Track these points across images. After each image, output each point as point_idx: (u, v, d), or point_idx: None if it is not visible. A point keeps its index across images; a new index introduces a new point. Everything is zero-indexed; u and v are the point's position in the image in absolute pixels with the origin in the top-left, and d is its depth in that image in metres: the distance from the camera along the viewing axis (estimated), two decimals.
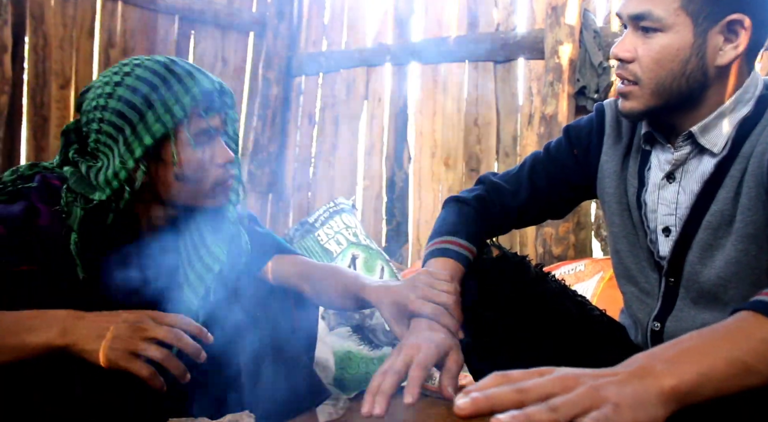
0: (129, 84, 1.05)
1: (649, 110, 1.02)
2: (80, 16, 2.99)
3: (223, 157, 1.10)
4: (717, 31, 0.95)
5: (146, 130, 1.04)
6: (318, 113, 3.56)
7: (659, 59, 0.97)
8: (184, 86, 1.05)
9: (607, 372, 0.63)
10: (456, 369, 0.94)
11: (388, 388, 0.87)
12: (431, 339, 0.95)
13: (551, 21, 2.66)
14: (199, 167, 1.08)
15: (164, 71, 1.06)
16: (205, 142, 1.09)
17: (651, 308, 1.11)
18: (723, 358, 0.64)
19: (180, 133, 1.06)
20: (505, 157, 2.92)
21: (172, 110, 1.04)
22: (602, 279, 2.09)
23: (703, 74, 0.97)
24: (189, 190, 1.09)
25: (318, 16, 3.63)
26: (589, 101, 2.61)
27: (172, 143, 1.05)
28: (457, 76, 3.06)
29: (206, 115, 1.07)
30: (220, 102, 1.10)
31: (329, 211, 2.65)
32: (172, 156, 1.05)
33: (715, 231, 1.01)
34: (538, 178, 1.23)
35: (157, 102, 1.04)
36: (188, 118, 1.06)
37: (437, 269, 1.09)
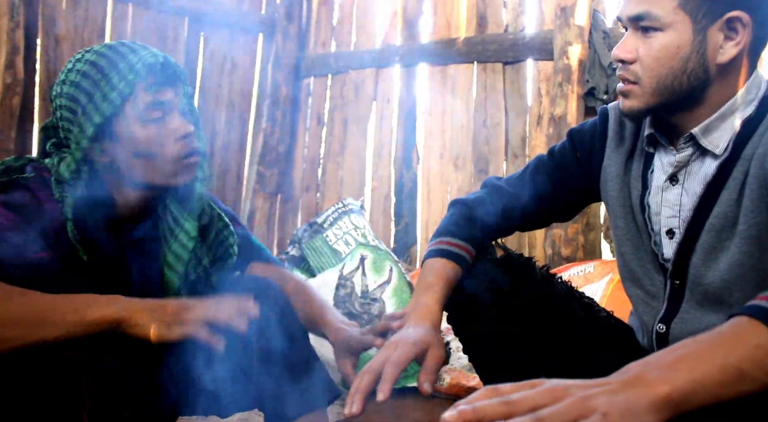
0: (78, 68, 1.08)
1: (650, 109, 1.02)
2: (91, 18, 3.02)
3: (180, 129, 1.10)
4: (717, 28, 0.95)
5: (95, 109, 1.05)
6: (327, 114, 3.57)
7: (659, 58, 0.97)
8: (127, 63, 1.06)
9: (599, 383, 0.63)
10: (434, 365, 0.95)
11: (364, 387, 0.90)
12: (409, 336, 0.97)
13: (560, 22, 2.66)
14: (155, 142, 1.08)
15: (109, 52, 1.08)
16: (158, 117, 1.08)
17: (656, 310, 1.10)
18: (717, 365, 0.63)
19: (129, 110, 1.06)
20: (513, 158, 2.91)
21: (118, 87, 1.05)
22: (611, 281, 2.08)
23: (704, 72, 0.97)
24: (150, 166, 1.09)
25: (327, 17, 3.63)
26: (599, 102, 2.60)
27: (123, 119, 1.06)
28: (466, 77, 3.06)
29: (153, 89, 1.07)
30: (166, 76, 1.09)
31: (338, 211, 2.65)
32: (123, 132, 1.07)
33: (718, 234, 1.00)
34: (540, 181, 1.24)
35: (102, 81, 1.05)
36: (134, 93, 1.06)
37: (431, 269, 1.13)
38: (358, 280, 2.31)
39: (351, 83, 3.46)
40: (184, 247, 1.17)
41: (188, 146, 1.11)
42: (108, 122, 1.06)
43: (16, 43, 2.69)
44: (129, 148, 1.08)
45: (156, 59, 1.08)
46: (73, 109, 1.07)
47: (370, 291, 2.28)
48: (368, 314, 2.21)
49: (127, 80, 1.06)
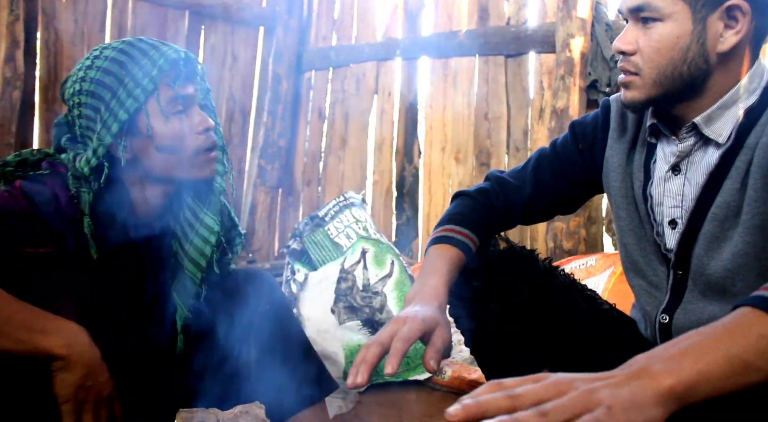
0: (99, 65, 1.08)
1: (651, 100, 1.02)
2: (91, 12, 3.01)
3: (201, 123, 1.12)
4: (716, 17, 0.96)
5: (119, 105, 1.06)
6: (328, 108, 3.56)
7: (659, 48, 0.98)
8: (150, 59, 1.08)
9: (604, 376, 0.62)
10: (441, 344, 0.94)
11: (371, 358, 0.88)
12: (418, 313, 0.95)
13: (563, 14, 2.64)
14: (178, 136, 1.10)
15: (130, 49, 1.09)
16: (181, 112, 1.10)
17: (659, 301, 1.10)
18: (722, 356, 0.63)
19: (153, 105, 1.08)
20: (515, 151, 2.90)
21: (142, 83, 1.07)
22: (613, 273, 2.08)
23: (705, 61, 0.97)
24: (173, 160, 1.11)
25: (328, 10, 3.62)
26: (601, 95, 2.58)
27: (146, 115, 1.08)
28: (468, 70, 3.04)
29: (175, 84, 1.09)
30: (188, 70, 1.11)
31: (339, 205, 2.65)
32: (147, 127, 1.08)
33: (721, 223, 1.00)
34: (543, 174, 1.23)
35: (127, 78, 1.06)
36: (158, 89, 1.08)
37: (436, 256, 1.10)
38: (359, 274, 2.31)
39: (352, 77, 3.45)
40: (206, 242, 1.17)
41: (209, 140, 1.13)
42: (131, 118, 1.07)
43: (16, 36, 2.68)
44: (152, 143, 1.09)
45: (178, 55, 1.10)
46: (95, 106, 1.07)
47: (371, 284, 2.27)
48: (370, 307, 2.21)
49: (150, 76, 1.07)
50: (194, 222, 1.18)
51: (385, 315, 2.18)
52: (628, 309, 1.28)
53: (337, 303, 2.22)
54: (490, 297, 1.15)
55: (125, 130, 1.08)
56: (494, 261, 1.16)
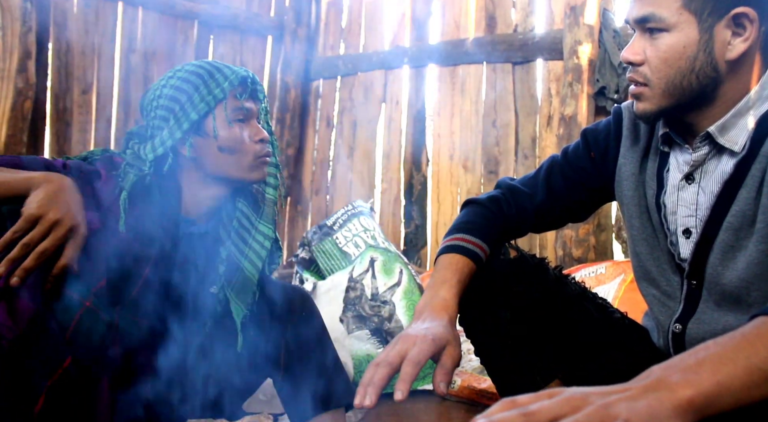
0: (179, 76, 1.26)
1: (662, 110, 1.01)
2: (102, 23, 3.04)
3: (258, 134, 1.28)
4: (723, 25, 0.95)
5: (192, 107, 1.23)
6: (336, 116, 3.57)
7: (666, 58, 0.97)
8: (223, 74, 1.26)
9: (619, 389, 0.61)
10: (451, 364, 0.93)
11: (379, 380, 0.87)
12: (428, 332, 0.94)
13: (570, 21, 2.64)
14: (238, 141, 1.26)
15: (207, 65, 1.28)
16: (243, 121, 1.27)
17: (673, 310, 1.09)
18: (741, 367, 0.61)
19: (220, 111, 1.25)
20: (524, 158, 2.90)
21: (214, 92, 1.24)
22: (624, 281, 2.06)
23: (713, 70, 0.97)
24: (231, 161, 1.26)
25: (336, 19, 3.64)
26: (609, 102, 2.58)
27: (213, 119, 1.24)
28: (475, 78, 3.05)
29: (241, 97, 1.26)
30: (253, 89, 1.29)
31: (347, 213, 2.65)
32: (213, 129, 1.24)
33: (736, 232, 0.99)
34: (555, 181, 1.23)
35: (202, 86, 1.24)
36: (227, 99, 1.25)
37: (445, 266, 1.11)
38: (368, 283, 2.30)
39: (360, 85, 3.46)
40: (262, 246, 1.32)
41: (264, 149, 1.29)
42: (201, 119, 1.24)
43: (28, 47, 2.71)
44: (214, 143, 1.25)
45: (247, 74, 1.28)
46: (170, 108, 1.24)
47: (380, 293, 2.27)
48: (378, 316, 2.20)
49: (222, 87, 1.25)
50: (251, 228, 1.32)
51: (393, 324, 2.18)
52: (639, 317, 1.27)
53: (345, 312, 2.22)
54: (500, 305, 1.14)
55: (193, 129, 1.24)
56: (505, 269, 1.16)
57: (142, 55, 3.15)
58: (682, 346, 1.07)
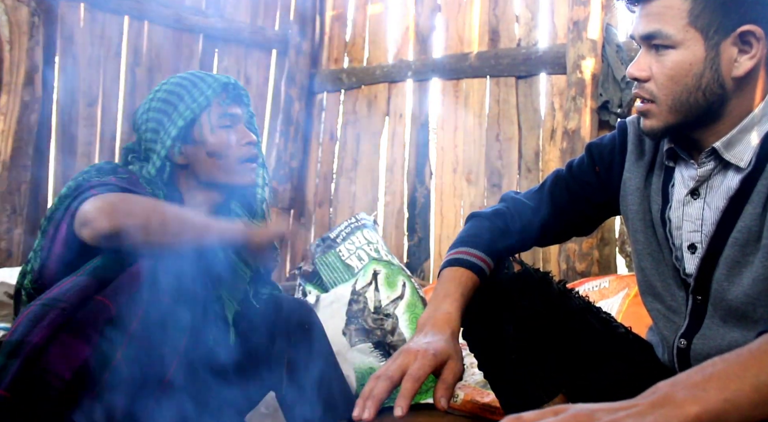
0: (165, 88, 1.33)
1: (669, 127, 1.01)
2: (108, 36, 3.07)
3: (245, 137, 1.34)
4: (730, 43, 0.95)
5: (179, 115, 1.30)
6: (340, 129, 3.59)
7: (673, 76, 0.97)
8: (206, 83, 1.33)
9: (625, 405, 0.61)
10: (452, 379, 0.92)
11: (379, 394, 0.87)
12: (429, 347, 0.93)
13: (573, 36, 2.66)
14: (225, 145, 1.31)
15: (190, 76, 1.35)
16: (228, 126, 1.33)
17: (678, 326, 1.08)
18: (749, 384, 0.61)
19: (205, 118, 1.31)
20: (527, 172, 2.90)
21: (198, 100, 1.31)
22: (627, 295, 2.06)
23: (720, 87, 0.97)
24: (219, 165, 1.32)
25: (340, 33, 3.66)
26: (612, 116, 2.58)
27: (200, 126, 1.31)
28: (479, 92, 3.06)
29: (225, 103, 1.32)
30: (236, 93, 1.35)
31: (351, 226, 2.65)
32: (200, 135, 1.30)
33: (742, 248, 0.98)
34: (559, 195, 1.22)
35: (186, 95, 1.31)
36: (211, 105, 1.31)
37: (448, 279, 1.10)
38: (371, 295, 2.30)
39: (364, 98, 3.47)
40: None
41: (251, 152, 1.34)
42: (188, 127, 1.30)
43: (35, 61, 2.74)
44: (203, 149, 1.31)
45: (228, 80, 1.35)
46: (159, 119, 1.31)
47: (383, 306, 2.26)
48: (381, 330, 2.20)
49: (205, 95, 1.31)
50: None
51: (396, 337, 2.17)
52: (643, 331, 1.26)
53: (348, 325, 2.21)
54: (504, 320, 1.14)
55: (182, 137, 1.30)
56: (508, 284, 1.15)
57: (148, 68, 3.18)
58: (687, 362, 1.06)
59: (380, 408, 0.86)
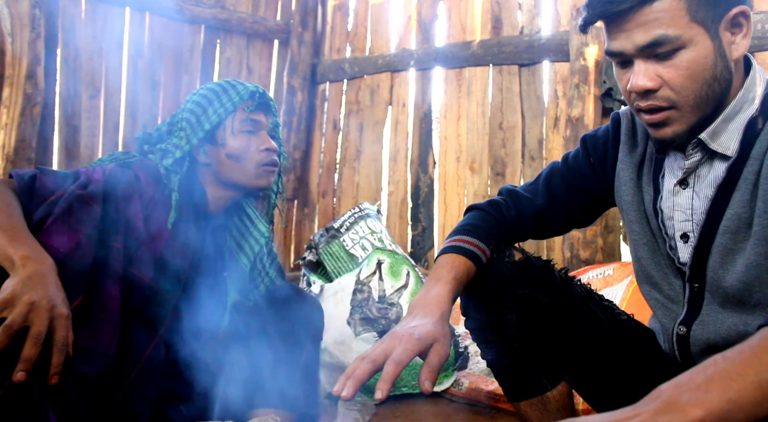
0: (200, 93, 1.44)
1: (693, 127, 0.98)
2: (109, 28, 3.06)
3: (265, 143, 1.41)
4: (724, 28, 0.95)
5: (206, 119, 1.39)
6: (342, 119, 3.58)
7: (691, 75, 0.94)
8: (234, 89, 1.42)
9: (629, 414, 0.60)
10: (437, 362, 0.92)
11: (360, 374, 0.88)
12: (415, 331, 0.94)
13: (576, 23, 2.64)
14: (246, 149, 1.39)
15: (223, 82, 1.44)
16: (250, 132, 1.41)
17: (676, 313, 1.09)
18: (751, 382, 0.60)
19: (230, 122, 1.39)
20: (530, 160, 2.90)
21: (225, 105, 1.40)
22: (632, 283, 2.06)
23: (729, 72, 0.97)
24: (239, 168, 1.39)
25: (342, 23, 3.65)
26: (616, 103, 2.57)
27: (223, 129, 1.39)
28: (482, 80, 3.05)
29: (250, 110, 1.40)
30: (261, 101, 1.43)
31: (354, 216, 2.65)
32: (222, 138, 1.38)
33: (734, 236, 0.98)
34: (555, 186, 1.23)
35: (215, 100, 1.40)
36: (236, 111, 1.40)
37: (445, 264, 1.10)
38: (375, 285, 2.31)
39: (366, 88, 3.46)
40: (256, 241, 1.46)
41: (270, 157, 1.42)
42: (213, 130, 1.39)
43: (37, 53, 2.73)
44: (223, 151, 1.39)
45: (256, 89, 1.43)
46: (189, 120, 1.40)
47: (387, 295, 2.27)
48: (386, 319, 2.20)
49: (233, 101, 1.40)
50: (250, 225, 1.48)
51: None
52: (647, 318, 1.26)
53: (353, 314, 2.22)
54: (506, 308, 1.14)
55: (207, 138, 1.39)
56: (510, 272, 1.16)
57: (149, 60, 3.17)
58: (687, 348, 1.07)
59: (359, 388, 0.88)
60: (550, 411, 1.18)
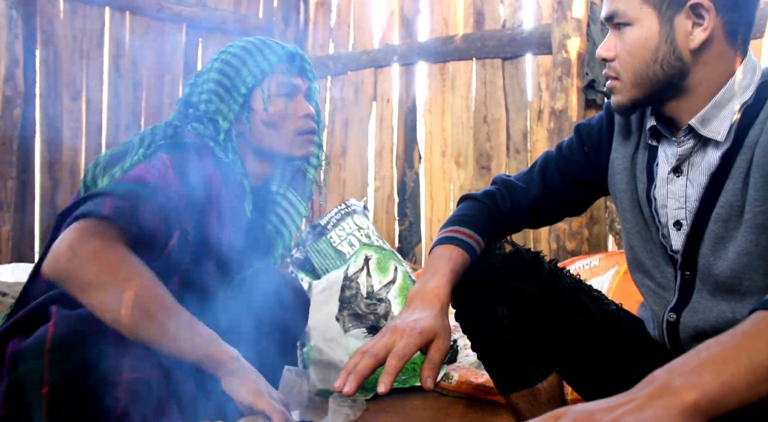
0: (230, 51, 1.28)
1: (635, 101, 1.05)
2: (89, 29, 3.03)
3: (304, 110, 1.28)
4: (683, 16, 0.98)
5: (242, 81, 1.24)
6: (327, 116, 3.57)
7: (632, 51, 1.01)
8: (271, 49, 1.28)
9: (624, 400, 0.61)
10: (438, 358, 0.92)
11: (362, 369, 0.88)
12: (416, 325, 0.94)
13: (558, 15, 2.65)
14: (283, 115, 1.26)
15: (256, 40, 1.29)
16: (288, 95, 1.27)
17: (667, 301, 1.10)
18: (744, 366, 0.61)
19: (266, 85, 1.25)
20: (515, 153, 2.91)
21: (261, 65, 1.25)
22: (617, 273, 2.08)
23: (677, 59, 1.00)
24: (275, 136, 1.27)
25: (324, 19, 3.64)
26: (599, 94, 2.59)
27: (262, 92, 1.25)
28: (465, 74, 3.05)
29: (288, 73, 1.27)
30: (301, 65, 1.30)
31: (341, 212, 2.65)
32: (261, 102, 1.25)
33: (725, 223, 1.00)
34: (550, 176, 1.23)
35: (250, 60, 1.25)
36: (273, 73, 1.26)
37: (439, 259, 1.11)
38: (363, 281, 2.31)
39: (350, 84, 3.46)
40: (293, 221, 1.39)
41: (308, 124, 1.29)
42: (248, 94, 1.24)
43: (15, 55, 2.70)
44: (260, 118, 1.25)
45: (295, 50, 1.30)
46: (220, 81, 1.24)
47: (375, 291, 2.27)
48: (374, 314, 2.21)
49: (269, 61, 1.25)
50: (288, 205, 1.38)
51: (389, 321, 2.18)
52: (633, 308, 1.28)
53: (341, 311, 2.22)
54: (496, 300, 1.15)
55: (242, 104, 1.24)
56: (500, 264, 1.16)
57: (131, 59, 3.14)
58: (677, 335, 1.08)
59: (361, 383, 0.87)
60: (540, 402, 1.19)
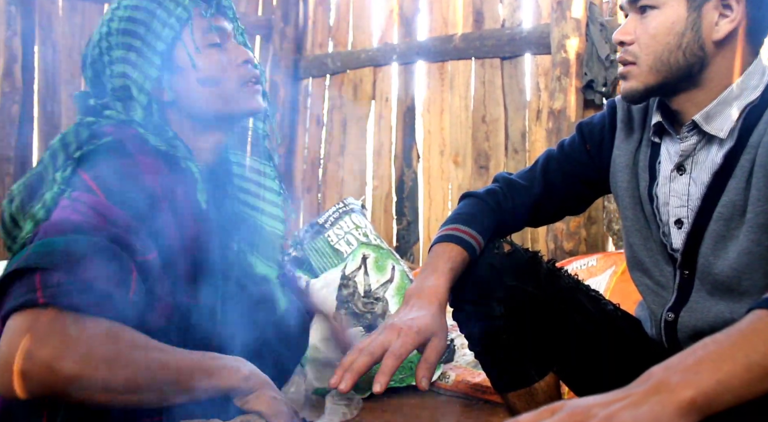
0: (126, 4, 1.02)
1: (649, 88, 1.03)
2: (88, 25, 3.02)
3: (242, 55, 1.07)
4: (712, 6, 0.98)
5: (156, 37, 1.00)
6: (326, 115, 3.57)
7: (655, 35, 1.00)
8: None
9: (620, 396, 0.61)
10: (435, 357, 0.92)
11: (358, 367, 0.87)
12: (413, 323, 0.93)
13: (557, 15, 2.65)
14: (218, 67, 1.04)
15: None
16: (218, 44, 1.05)
17: (665, 300, 1.10)
18: (741, 364, 0.61)
19: (187, 37, 1.03)
20: (514, 153, 2.91)
21: (175, 13, 1.02)
22: (615, 273, 2.08)
23: (700, 49, 0.99)
24: (217, 94, 1.04)
25: (323, 17, 3.63)
26: (597, 95, 2.59)
27: (184, 46, 1.02)
28: (464, 74, 3.05)
29: (208, 14, 1.05)
30: (218, 3, 1.07)
31: (339, 211, 2.65)
32: (188, 57, 1.02)
33: (727, 223, 1.00)
34: (552, 174, 1.23)
35: (158, 9, 1.01)
36: (192, 19, 1.03)
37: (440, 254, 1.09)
38: (360, 280, 2.31)
39: (349, 83, 3.46)
40: (271, 190, 1.16)
41: (251, 72, 1.08)
42: (169, 51, 1.01)
43: (14, 51, 2.70)
44: (193, 77, 1.03)
45: None
46: (128, 44, 1.00)
47: (372, 290, 2.27)
48: (371, 313, 2.21)
49: (182, 5, 1.02)
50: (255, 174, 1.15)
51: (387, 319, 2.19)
52: (631, 308, 1.28)
53: (338, 309, 2.22)
54: (494, 300, 1.15)
55: (165, 65, 1.01)
56: (498, 263, 1.16)
57: None
58: (675, 334, 1.08)
59: (357, 381, 0.86)
60: (537, 402, 1.19)
